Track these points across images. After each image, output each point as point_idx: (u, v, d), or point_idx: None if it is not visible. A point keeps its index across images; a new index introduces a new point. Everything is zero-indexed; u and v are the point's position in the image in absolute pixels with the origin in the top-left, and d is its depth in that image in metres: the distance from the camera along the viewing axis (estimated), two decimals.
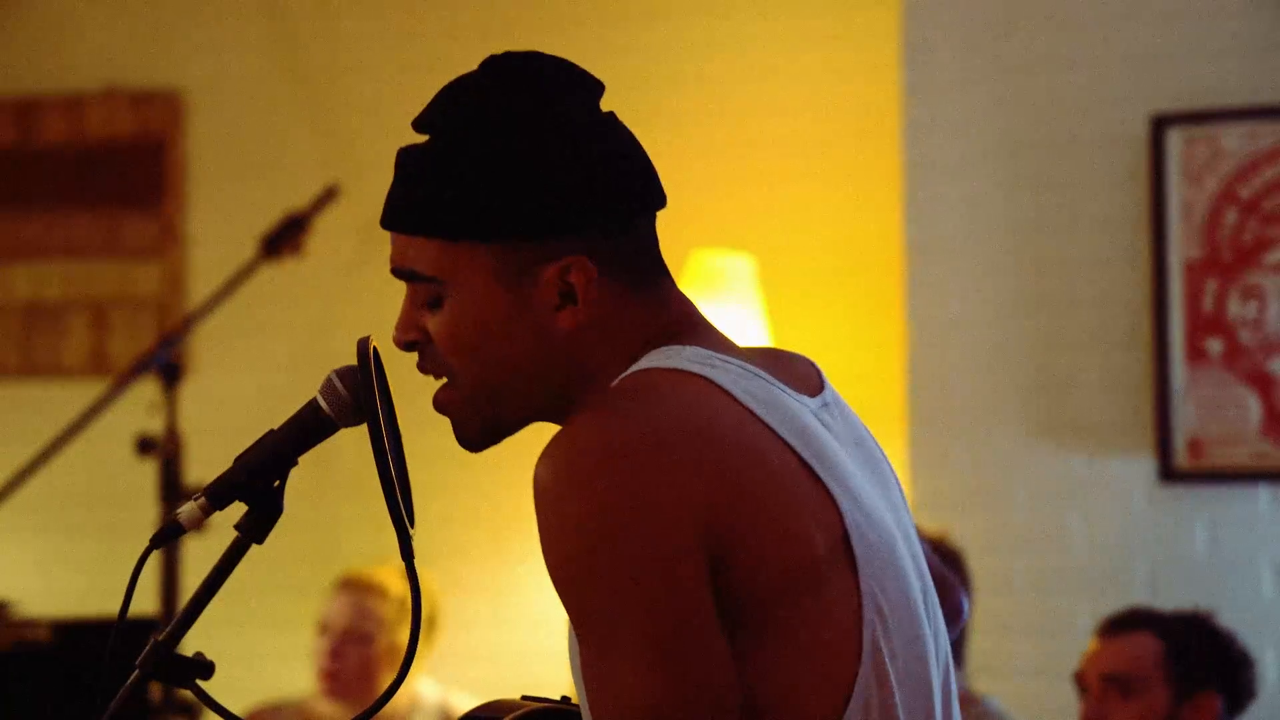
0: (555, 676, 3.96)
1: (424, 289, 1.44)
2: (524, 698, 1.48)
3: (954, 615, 1.83)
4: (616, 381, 1.41)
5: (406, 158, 1.46)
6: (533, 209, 1.41)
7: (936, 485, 3.77)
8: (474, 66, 1.48)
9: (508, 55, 1.46)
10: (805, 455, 1.38)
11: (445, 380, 1.46)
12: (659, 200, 1.47)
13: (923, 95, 3.85)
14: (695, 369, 1.39)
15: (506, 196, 1.41)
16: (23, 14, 4.79)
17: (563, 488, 1.32)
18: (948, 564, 3.08)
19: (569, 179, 1.42)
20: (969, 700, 3.04)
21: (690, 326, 1.46)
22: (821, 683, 1.35)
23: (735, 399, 1.38)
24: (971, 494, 3.77)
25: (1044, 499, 3.73)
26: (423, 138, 1.46)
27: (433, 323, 1.44)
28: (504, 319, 1.43)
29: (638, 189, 1.45)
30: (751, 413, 1.38)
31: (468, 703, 3.85)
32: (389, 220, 1.46)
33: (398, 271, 1.46)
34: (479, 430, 1.46)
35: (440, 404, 1.47)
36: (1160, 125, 3.70)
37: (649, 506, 1.31)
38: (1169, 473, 3.66)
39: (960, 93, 3.83)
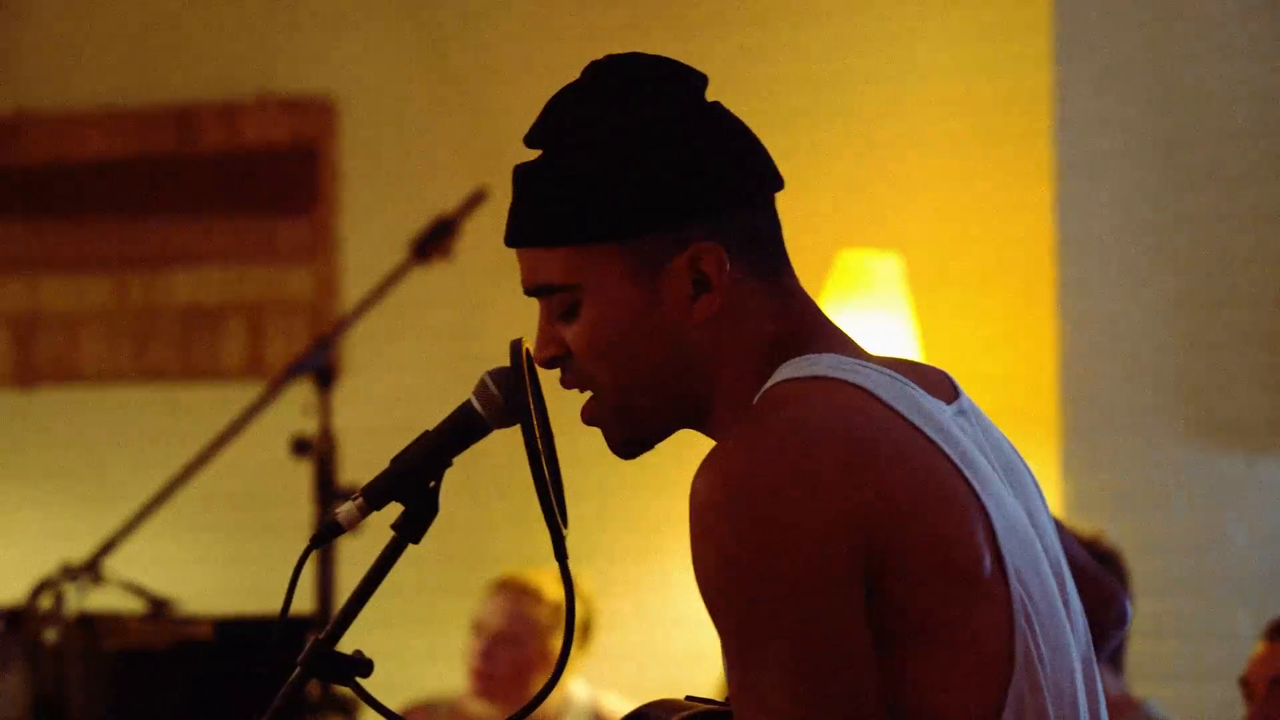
0: (704, 678, 3.96)
1: (559, 300, 1.45)
2: (688, 698, 1.48)
3: (1119, 621, 1.81)
4: (761, 395, 1.41)
5: (523, 175, 1.47)
6: (653, 200, 1.42)
7: (1090, 486, 3.71)
8: None
9: (609, 58, 1.47)
10: (955, 458, 1.37)
11: (591, 394, 1.47)
12: (775, 182, 1.48)
13: (1075, 90, 3.79)
14: (838, 375, 1.39)
15: (628, 192, 1.42)
16: (179, 25, 4.90)
17: (718, 506, 1.33)
18: (1103, 564, 3.03)
19: (684, 165, 1.43)
20: (1129, 705, 3.00)
21: (820, 331, 1.45)
22: (976, 689, 1.34)
23: (884, 403, 1.38)
24: (1127, 495, 3.71)
25: (1201, 500, 3.67)
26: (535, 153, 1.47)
27: (570, 333, 1.45)
28: (640, 316, 1.43)
29: (751, 169, 1.46)
30: (902, 416, 1.38)
31: (618, 703, 3.86)
32: (513, 238, 1.48)
33: (531, 290, 1.47)
34: (628, 438, 1.47)
35: (588, 416, 1.48)
36: None
37: (804, 526, 1.32)
38: None
39: (1113, 87, 3.77)
